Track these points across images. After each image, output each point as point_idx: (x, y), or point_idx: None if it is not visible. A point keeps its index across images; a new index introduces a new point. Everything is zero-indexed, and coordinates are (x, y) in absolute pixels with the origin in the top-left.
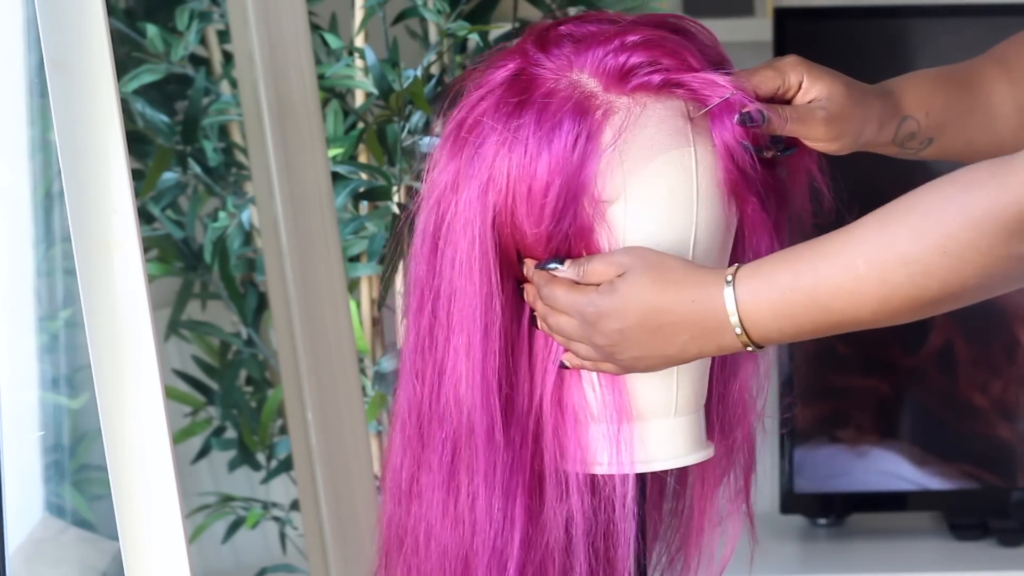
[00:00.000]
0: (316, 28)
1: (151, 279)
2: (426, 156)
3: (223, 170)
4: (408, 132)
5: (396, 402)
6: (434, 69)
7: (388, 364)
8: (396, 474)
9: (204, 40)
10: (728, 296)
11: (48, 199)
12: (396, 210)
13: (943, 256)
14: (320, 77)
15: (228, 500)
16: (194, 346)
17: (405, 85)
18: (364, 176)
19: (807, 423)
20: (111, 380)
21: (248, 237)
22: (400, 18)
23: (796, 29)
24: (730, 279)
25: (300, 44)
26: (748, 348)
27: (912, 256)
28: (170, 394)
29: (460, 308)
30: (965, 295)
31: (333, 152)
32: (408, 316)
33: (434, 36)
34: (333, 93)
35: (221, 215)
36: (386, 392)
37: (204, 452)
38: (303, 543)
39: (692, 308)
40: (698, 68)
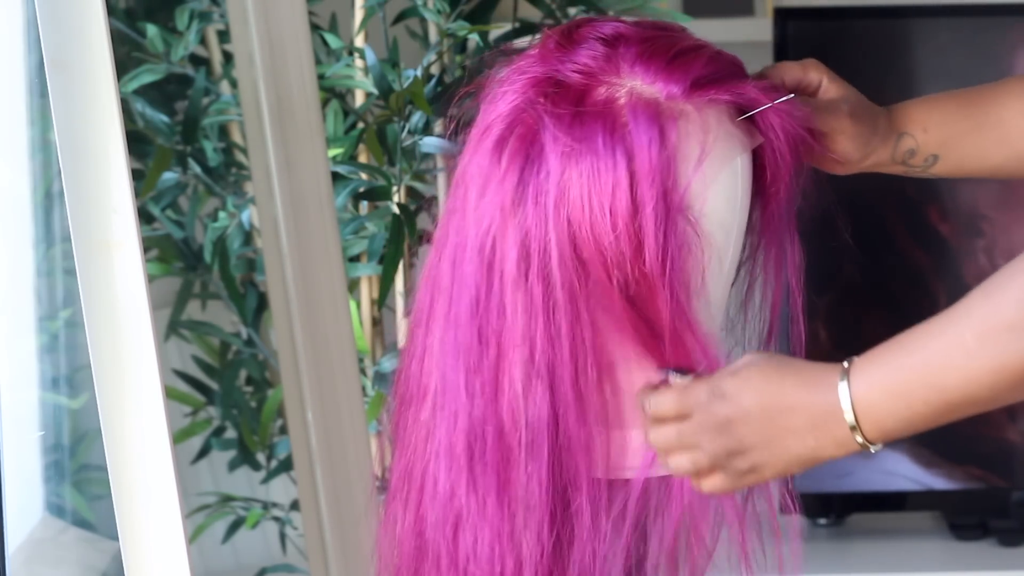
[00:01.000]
0: (316, 28)
1: (151, 279)
2: (426, 156)
3: (223, 170)
4: (408, 132)
5: (438, 426)
6: (434, 69)
7: (388, 364)
8: (444, 501)
9: (204, 40)
10: (842, 387)
11: (48, 199)
12: (396, 210)
13: None
14: (320, 77)
15: (228, 500)
16: (194, 346)
17: (405, 85)
18: (364, 176)
19: None
20: (111, 380)
21: (248, 237)
22: (400, 18)
23: (796, 29)
24: (846, 365)
25: (300, 44)
26: (862, 443)
27: (1018, 322)
28: (170, 394)
29: (522, 327)
30: None
31: (333, 152)
32: (441, 331)
33: (434, 36)
34: (333, 93)
35: (221, 215)
36: (386, 392)
37: (204, 452)
38: (303, 543)
39: (810, 393)
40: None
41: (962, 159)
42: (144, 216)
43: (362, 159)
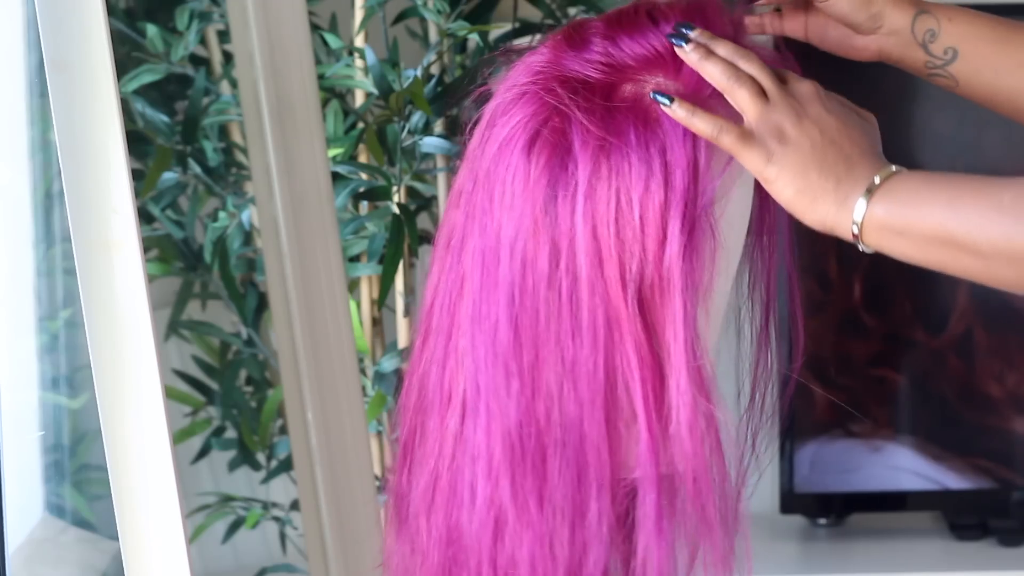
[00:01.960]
0: (316, 28)
1: (151, 279)
2: (426, 156)
3: (223, 170)
4: (408, 132)
5: (473, 432)
6: (434, 69)
7: (388, 364)
8: (483, 508)
9: (204, 40)
10: (882, 157)
11: (48, 199)
12: (396, 210)
13: None
14: (320, 77)
15: (228, 500)
16: (194, 346)
17: (405, 85)
18: (364, 176)
19: (807, 423)
20: (111, 380)
21: (248, 237)
22: (400, 18)
23: None
24: (876, 183)
25: (300, 44)
26: (855, 232)
27: None
28: (170, 394)
29: (554, 325)
30: None
31: (333, 152)
32: (471, 335)
33: (434, 36)
34: (333, 93)
35: (221, 215)
36: (386, 392)
37: (204, 452)
38: (303, 543)
39: (863, 141)
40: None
41: (979, 68)
42: (144, 216)
43: (362, 159)
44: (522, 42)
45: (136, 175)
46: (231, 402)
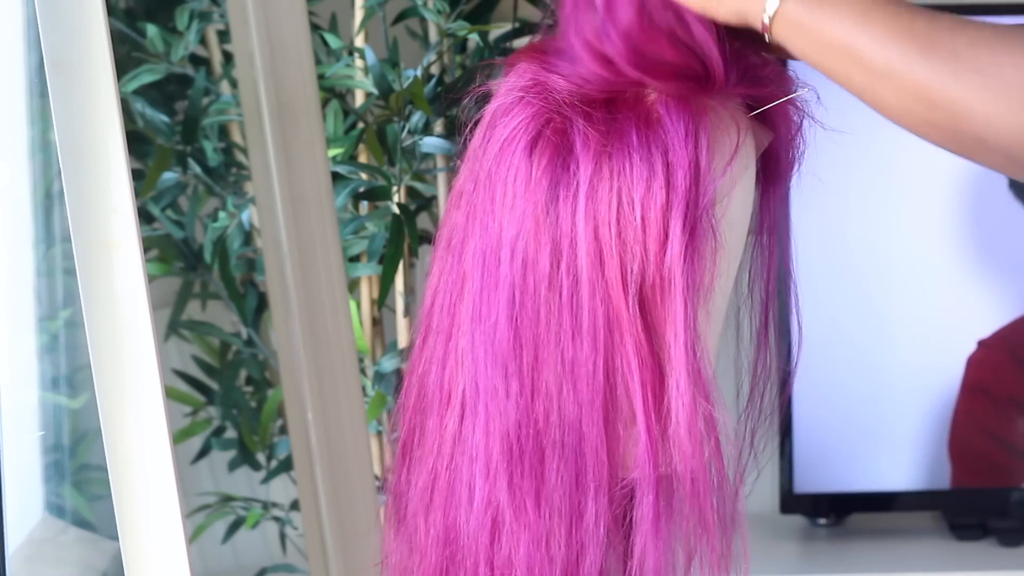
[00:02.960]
0: (316, 28)
1: (151, 279)
2: (426, 156)
3: (223, 170)
4: (408, 132)
5: (472, 432)
6: (434, 69)
7: (388, 364)
8: (480, 508)
9: (204, 40)
10: None
11: (48, 199)
12: (396, 210)
13: (979, 74)
14: (320, 77)
15: (228, 500)
16: (194, 346)
17: (405, 85)
18: (364, 176)
19: (807, 423)
20: (111, 380)
21: (248, 237)
22: (400, 18)
23: None
24: None
25: (300, 44)
26: (765, 21)
27: (963, 52)
28: (170, 394)
29: (554, 326)
30: (964, 120)
31: (333, 152)
32: (471, 334)
33: (434, 36)
34: (333, 93)
35: (221, 215)
36: (386, 392)
37: (204, 452)
38: (303, 543)
39: None
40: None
41: None
42: (144, 216)
43: (362, 159)
44: (522, 42)
45: (136, 175)
46: (231, 402)
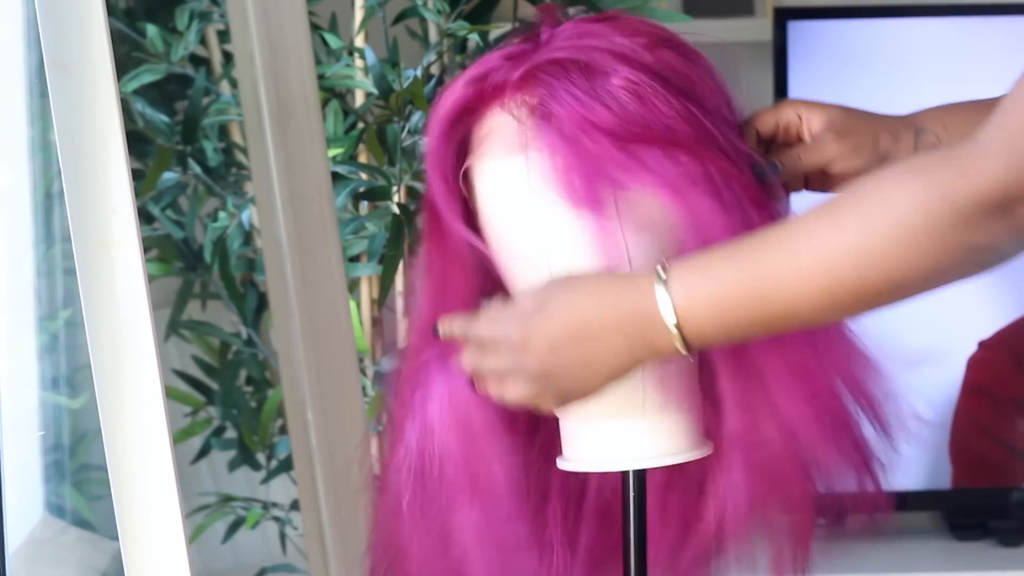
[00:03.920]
0: (316, 28)
1: (151, 279)
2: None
3: (223, 170)
4: (408, 132)
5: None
6: (434, 69)
7: (388, 364)
8: (431, 493)
9: (204, 40)
10: (660, 291)
11: (48, 199)
12: (396, 210)
13: (892, 244)
14: (320, 77)
15: (228, 500)
16: (194, 346)
17: (405, 85)
18: (364, 176)
19: None
20: (111, 380)
21: (248, 237)
22: (400, 18)
23: (796, 29)
24: (663, 275)
25: (300, 44)
26: (681, 349)
27: (860, 245)
28: (170, 394)
29: None
30: (910, 286)
31: (333, 152)
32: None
33: (434, 36)
34: (333, 93)
35: (221, 215)
36: (387, 392)
37: (204, 452)
38: (303, 543)
39: (620, 307)
40: None
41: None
42: (144, 216)
43: (362, 159)
44: None
45: (136, 175)
46: (231, 402)
